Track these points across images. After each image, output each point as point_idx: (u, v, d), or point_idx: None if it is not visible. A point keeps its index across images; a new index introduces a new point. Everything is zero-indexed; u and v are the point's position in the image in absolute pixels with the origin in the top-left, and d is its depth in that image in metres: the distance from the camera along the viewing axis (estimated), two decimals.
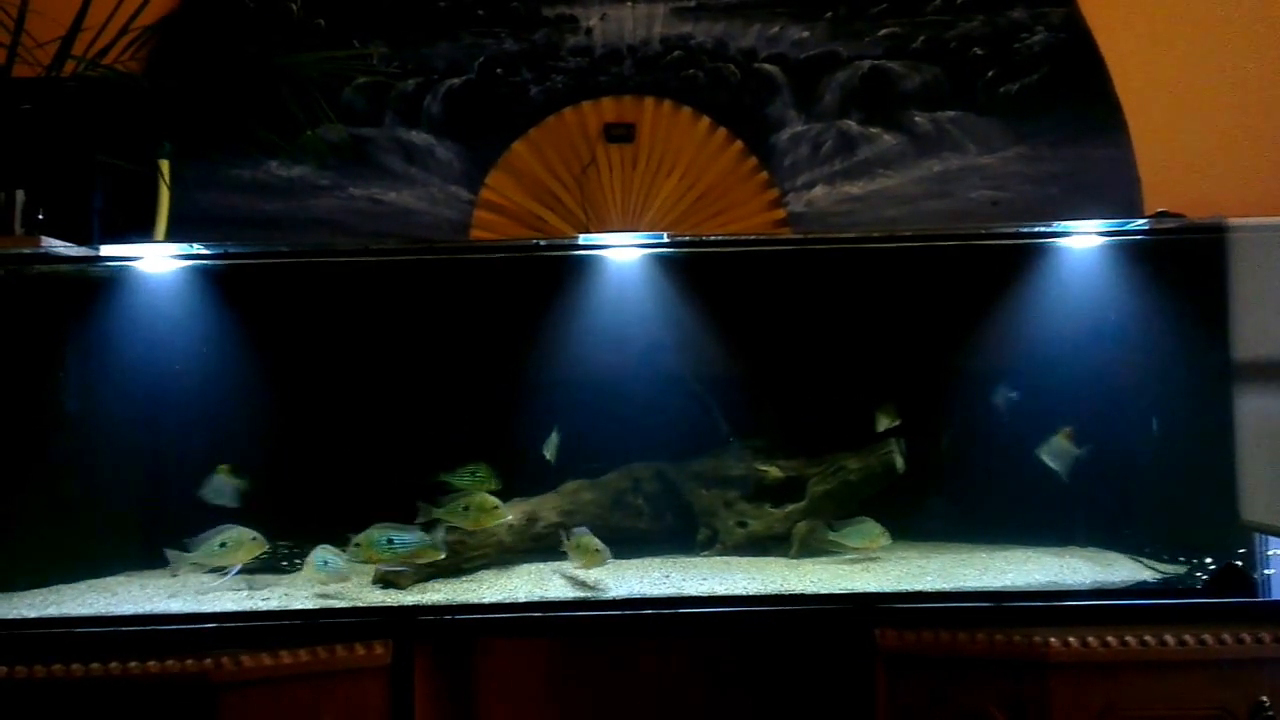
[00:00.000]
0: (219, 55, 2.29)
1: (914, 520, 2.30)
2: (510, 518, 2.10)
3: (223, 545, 1.98)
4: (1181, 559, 2.08)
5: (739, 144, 2.47)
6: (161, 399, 2.34)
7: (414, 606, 1.91)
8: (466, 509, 2.03)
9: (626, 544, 2.20)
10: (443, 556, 2.00)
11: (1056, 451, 2.21)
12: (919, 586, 1.95)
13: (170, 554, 2.02)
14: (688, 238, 2.33)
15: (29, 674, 1.71)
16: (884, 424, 2.26)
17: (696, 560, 2.25)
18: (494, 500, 2.06)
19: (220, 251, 2.22)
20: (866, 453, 2.28)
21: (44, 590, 2.09)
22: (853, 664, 1.85)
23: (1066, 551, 2.23)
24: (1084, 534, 2.28)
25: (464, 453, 2.24)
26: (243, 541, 2.00)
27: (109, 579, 2.18)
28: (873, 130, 2.46)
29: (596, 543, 1.98)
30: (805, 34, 2.48)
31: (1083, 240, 2.24)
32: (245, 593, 2.01)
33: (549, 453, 2.23)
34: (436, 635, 1.89)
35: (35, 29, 2.01)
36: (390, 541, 1.93)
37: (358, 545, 1.95)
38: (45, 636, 1.82)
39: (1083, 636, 1.72)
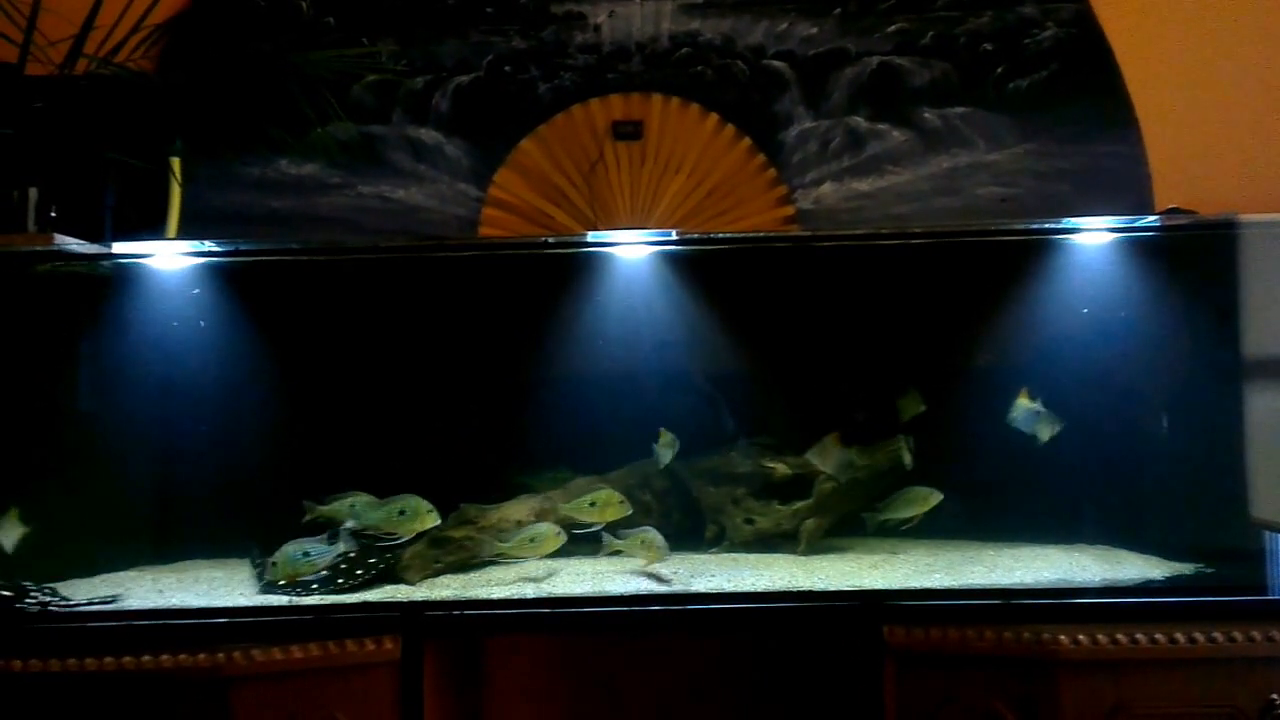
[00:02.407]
0: (230, 53, 2.30)
1: (922, 517, 2.29)
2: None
3: (401, 513, 1.99)
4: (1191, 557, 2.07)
5: (747, 141, 2.46)
6: (174, 395, 2.35)
7: (423, 602, 1.92)
8: (593, 504, 2.08)
9: None
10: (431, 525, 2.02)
11: (825, 452, 2.21)
12: (927, 584, 1.95)
13: (349, 524, 2.00)
14: (696, 235, 2.32)
15: (43, 668, 1.73)
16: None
17: (704, 557, 2.25)
18: (619, 496, 2.11)
19: (231, 249, 2.23)
20: (874, 450, 2.28)
21: (58, 585, 2.11)
22: (861, 661, 1.84)
23: (1075, 549, 2.22)
24: (1093, 531, 2.27)
25: (468, 450, 2.25)
26: (420, 511, 2.00)
27: (121, 574, 2.20)
28: (881, 127, 2.45)
29: (659, 539, 2.04)
30: (814, 30, 2.47)
31: (1093, 237, 2.23)
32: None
33: (664, 457, 2.22)
34: (445, 631, 1.90)
35: (47, 27, 2.02)
36: (307, 554, 1.93)
37: (274, 564, 1.92)
38: (58, 631, 1.84)
39: (1093, 634, 1.72)
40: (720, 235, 2.37)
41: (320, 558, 1.93)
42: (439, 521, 2.02)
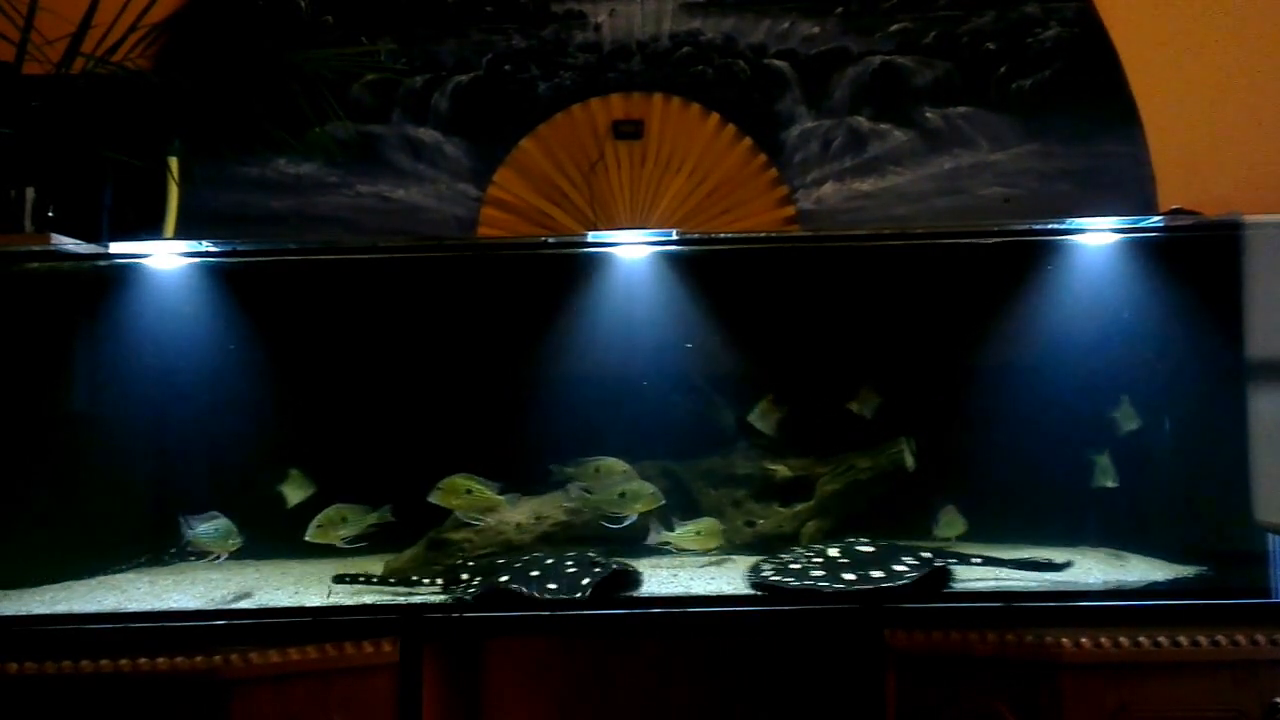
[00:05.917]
0: (228, 52, 2.29)
1: (924, 520, 2.28)
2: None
3: (622, 495, 2.10)
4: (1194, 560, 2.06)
5: (748, 140, 2.45)
6: (171, 395, 2.34)
7: (421, 604, 1.91)
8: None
9: None
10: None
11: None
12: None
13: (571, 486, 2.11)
14: (696, 235, 2.31)
15: (40, 670, 1.72)
16: None
17: (705, 559, 2.24)
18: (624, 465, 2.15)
19: (229, 249, 2.22)
20: (876, 451, 2.27)
21: (54, 587, 2.10)
22: (863, 664, 1.84)
23: (1078, 551, 2.21)
24: (1096, 534, 2.26)
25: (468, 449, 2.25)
26: (643, 494, 2.11)
27: (119, 576, 2.19)
28: (883, 126, 2.44)
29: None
30: (815, 29, 2.46)
31: (1096, 237, 2.22)
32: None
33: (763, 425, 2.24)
34: (444, 633, 1.90)
35: (45, 26, 2.01)
36: (192, 529, 2.08)
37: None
38: (56, 633, 1.83)
39: (1095, 637, 1.71)
40: (721, 235, 2.36)
41: (203, 538, 2.07)
42: (662, 502, 2.11)
